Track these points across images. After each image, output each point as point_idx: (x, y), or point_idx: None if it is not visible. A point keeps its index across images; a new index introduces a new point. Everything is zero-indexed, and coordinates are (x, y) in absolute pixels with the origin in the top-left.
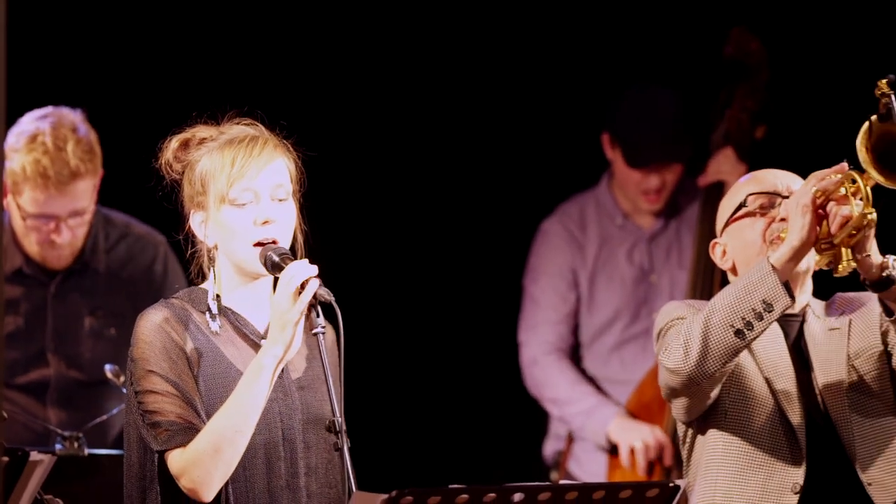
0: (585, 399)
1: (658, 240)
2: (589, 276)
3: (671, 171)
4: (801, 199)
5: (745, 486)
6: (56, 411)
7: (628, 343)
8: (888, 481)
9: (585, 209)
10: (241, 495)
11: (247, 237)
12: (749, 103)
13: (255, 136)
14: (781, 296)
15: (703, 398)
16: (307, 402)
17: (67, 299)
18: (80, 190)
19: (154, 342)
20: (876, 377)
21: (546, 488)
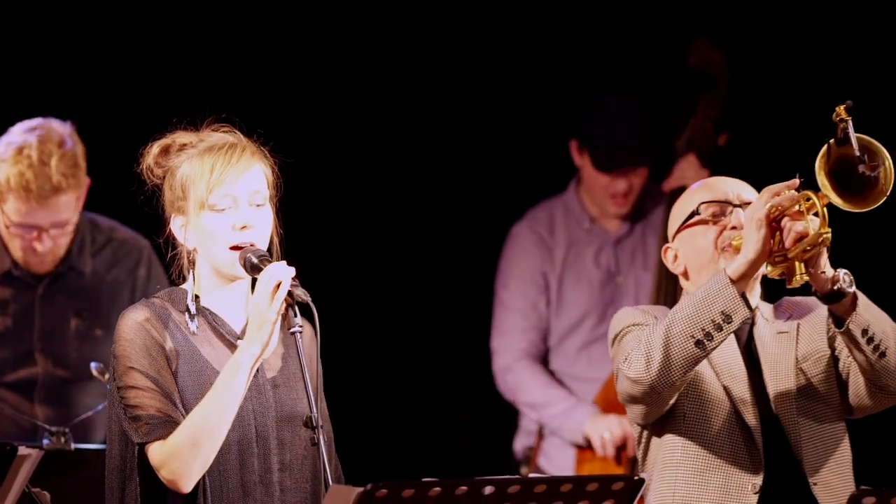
0: (560, 402)
1: (624, 243)
2: (557, 279)
3: (637, 174)
4: (756, 214)
5: (705, 488)
6: (43, 408)
7: (595, 342)
8: (833, 482)
9: (554, 214)
10: (216, 489)
11: (225, 241)
12: (712, 112)
13: (233, 144)
14: (740, 307)
15: (663, 405)
16: (281, 400)
17: (54, 301)
18: (61, 203)
19: (135, 340)
20: (822, 380)
21: (515, 482)
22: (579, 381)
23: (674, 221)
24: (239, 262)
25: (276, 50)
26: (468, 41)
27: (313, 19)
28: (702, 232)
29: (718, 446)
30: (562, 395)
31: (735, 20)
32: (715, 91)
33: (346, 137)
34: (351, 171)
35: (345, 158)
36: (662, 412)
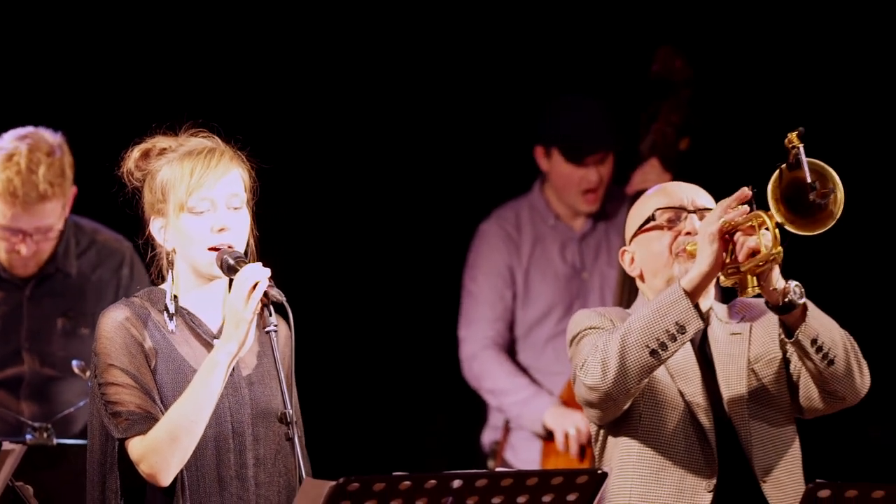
0: (522, 390)
1: (588, 240)
2: (524, 272)
3: (606, 164)
4: (709, 228)
5: (661, 487)
6: (29, 405)
7: (561, 335)
8: (783, 480)
9: (520, 212)
10: (193, 483)
11: (204, 243)
12: (674, 117)
13: (212, 149)
14: (693, 318)
15: (619, 410)
16: (256, 397)
17: (41, 301)
18: (47, 210)
19: (115, 338)
20: (773, 382)
21: (483, 475)
22: (546, 375)
23: (631, 225)
24: (216, 263)
25: (252, 61)
26: (437, 49)
27: (285, 31)
28: (657, 237)
29: (674, 447)
30: (524, 384)
31: (697, 30)
32: (677, 97)
33: (321, 142)
34: (326, 175)
35: (319, 162)
36: (619, 414)
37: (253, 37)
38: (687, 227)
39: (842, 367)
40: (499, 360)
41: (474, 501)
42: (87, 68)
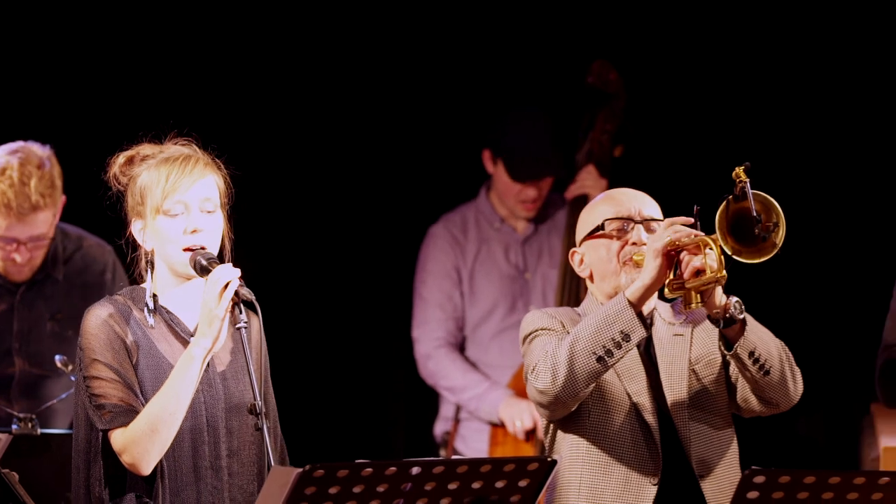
0: (477, 385)
1: (531, 242)
2: (469, 273)
3: (546, 182)
4: (656, 245)
5: (609, 479)
6: (19, 402)
7: (506, 332)
8: (720, 474)
9: (467, 216)
10: (171, 473)
11: (178, 243)
12: (608, 126)
13: (189, 155)
14: (637, 328)
15: (567, 410)
16: (230, 392)
17: (32, 305)
18: (39, 220)
19: (99, 334)
20: (713, 382)
21: (440, 462)
22: (493, 368)
23: (581, 228)
24: (189, 264)
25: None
26: (392, 63)
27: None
28: (606, 244)
29: (620, 442)
30: (478, 380)
31: (630, 44)
32: (611, 107)
33: (287, 152)
34: (294, 182)
35: (287, 171)
36: (568, 412)
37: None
38: (633, 238)
39: (776, 377)
40: (451, 358)
41: (432, 487)
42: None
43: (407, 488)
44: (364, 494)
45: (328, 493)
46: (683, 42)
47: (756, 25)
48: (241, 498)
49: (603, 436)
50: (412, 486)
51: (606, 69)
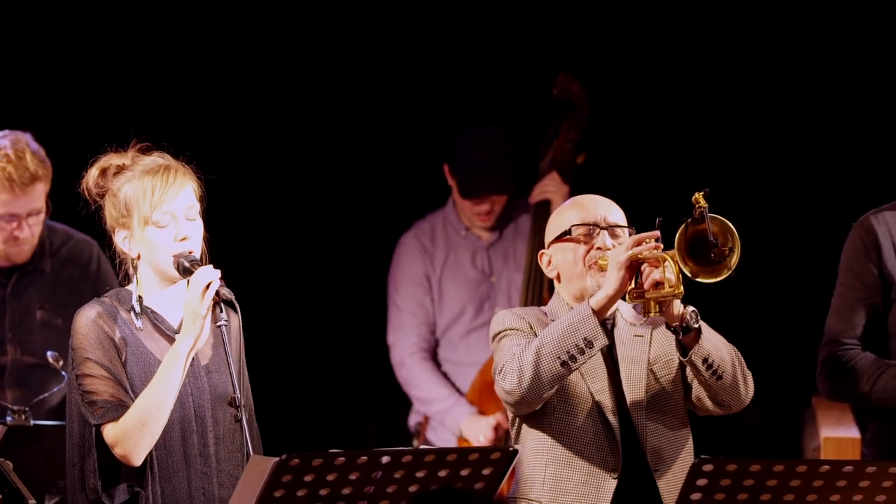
0: (444, 400)
1: (496, 247)
2: (438, 279)
3: (498, 199)
4: (619, 258)
5: (571, 473)
6: (11, 390)
7: (474, 332)
8: (676, 469)
9: (435, 224)
10: (162, 462)
11: (169, 251)
12: (572, 135)
13: (167, 166)
14: (600, 335)
15: (532, 409)
16: (214, 384)
17: (22, 296)
18: (38, 191)
19: (89, 334)
20: (670, 381)
21: (408, 452)
22: (461, 366)
23: (550, 232)
24: (173, 266)
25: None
26: (366, 76)
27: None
28: (573, 248)
29: (583, 438)
30: (446, 394)
31: (593, 56)
32: (574, 117)
33: (271, 161)
34: (272, 190)
35: (270, 177)
36: (532, 410)
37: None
38: (599, 243)
39: (729, 382)
40: (423, 368)
41: (401, 475)
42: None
43: (377, 476)
44: (337, 482)
45: (303, 481)
46: (644, 55)
47: (713, 41)
48: (229, 482)
49: (566, 432)
50: (382, 475)
51: (570, 81)
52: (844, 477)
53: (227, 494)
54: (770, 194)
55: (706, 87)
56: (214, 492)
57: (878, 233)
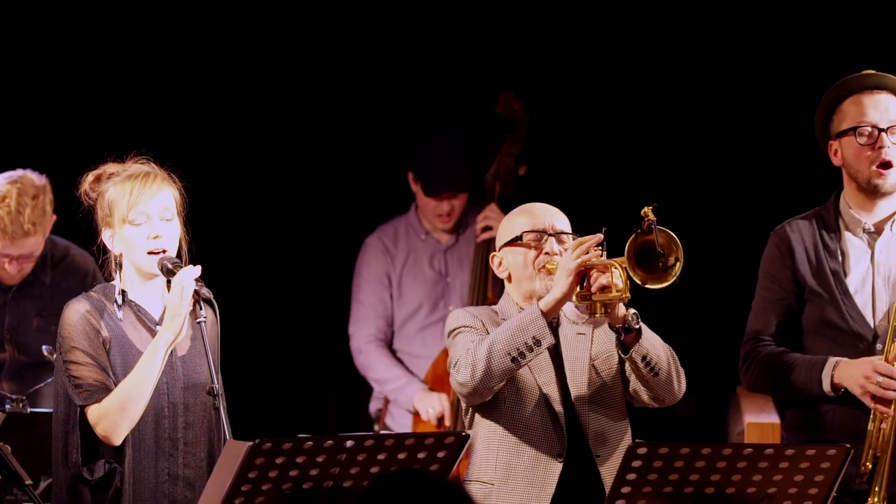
0: (398, 379)
1: (452, 251)
2: (398, 278)
3: (458, 198)
4: (568, 264)
5: (521, 457)
6: (8, 383)
7: (429, 327)
8: (611, 455)
9: (398, 228)
10: (136, 444)
11: (142, 248)
12: (514, 150)
13: (148, 172)
14: (547, 335)
15: (484, 400)
16: (187, 374)
17: (21, 303)
18: (29, 243)
19: (77, 325)
20: (609, 376)
21: (370, 437)
22: (416, 358)
23: (502, 236)
24: (157, 267)
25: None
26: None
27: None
28: (523, 253)
29: (531, 425)
30: (400, 374)
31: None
32: (516, 133)
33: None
34: (249, 196)
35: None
36: (484, 401)
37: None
38: (547, 249)
39: (664, 378)
40: (379, 353)
41: (363, 457)
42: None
43: (342, 459)
44: (305, 464)
45: (275, 463)
46: (578, 77)
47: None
48: (193, 463)
49: (516, 420)
50: (347, 457)
51: (511, 100)
52: (766, 459)
53: (191, 474)
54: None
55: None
56: (179, 472)
57: (793, 240)
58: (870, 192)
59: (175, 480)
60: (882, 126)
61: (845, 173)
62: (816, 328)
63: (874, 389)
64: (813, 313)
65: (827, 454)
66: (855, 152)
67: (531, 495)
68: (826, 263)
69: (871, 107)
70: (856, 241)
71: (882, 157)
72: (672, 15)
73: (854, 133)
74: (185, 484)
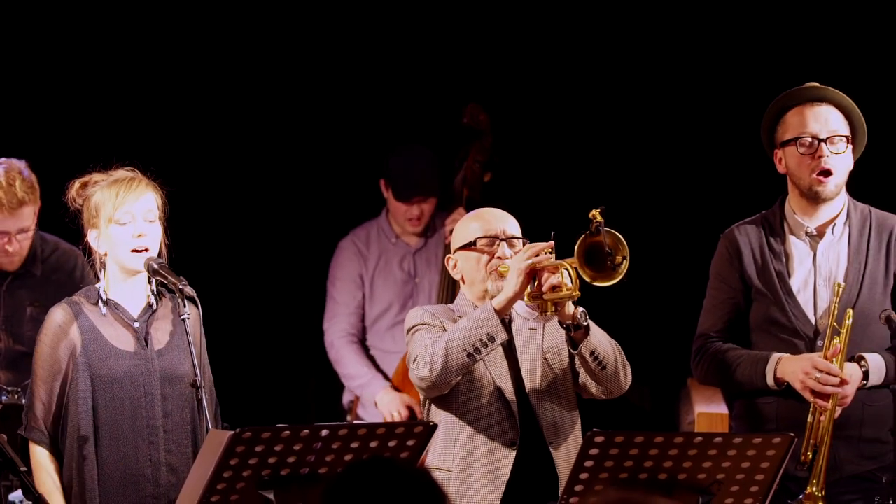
0: (364, 376)
1: (420, 253)
2: (370, 279)
3: (428, 203)
4: (519, 266)
5: (477, 445)
6: (4, 373)
7: (399, 325)
8: (566, 441)
9: (370, 232)
10: (111, 434)
11: (127, 245)
12: (479, 157)
13: (132, 178)
14: (500, 331)
15: (442, 393)
16: (164, 366)
17: (15, 294)
18: (25, 213)
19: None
20: (560, 368)
21: (344, 426)
22: (387, 353)
23: (457, 240)
24: (143, 265)
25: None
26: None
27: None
28: (476, 257)
29: (486, 415)
30: (365, 371)
31: (498, 91)
32: (481, 142)
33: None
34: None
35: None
36: (442, 394)
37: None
38: (499, 253)
39: (611, 371)
40: (349, 350)
41: (338, 446)
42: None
43: (318, 447)
44: (283, 452)
45: (255, 451)
46: (538, 91)
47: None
48: (176, 450)
49: (472, 411)
50: (322, 445)
51: (478, 111)
52: (715, 447)
53: (174, 460)
54: (646, 210)
55: (590, 117)
56: (161, 458)
57: (741, 243)
58: (811, 198)
59: (158, 465)
60: (822, 136)
61: (789, 180)
62: (762, 326)
63: (813, 384)
64: (759, 311)
65: (773, 442)
66: (797, 161)
67: (487, 481)
68: (771, 265)
69: (813, 118)
70: (799, 244)
71: (822, 166)
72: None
73: (796, 143)
74: (169, 469)
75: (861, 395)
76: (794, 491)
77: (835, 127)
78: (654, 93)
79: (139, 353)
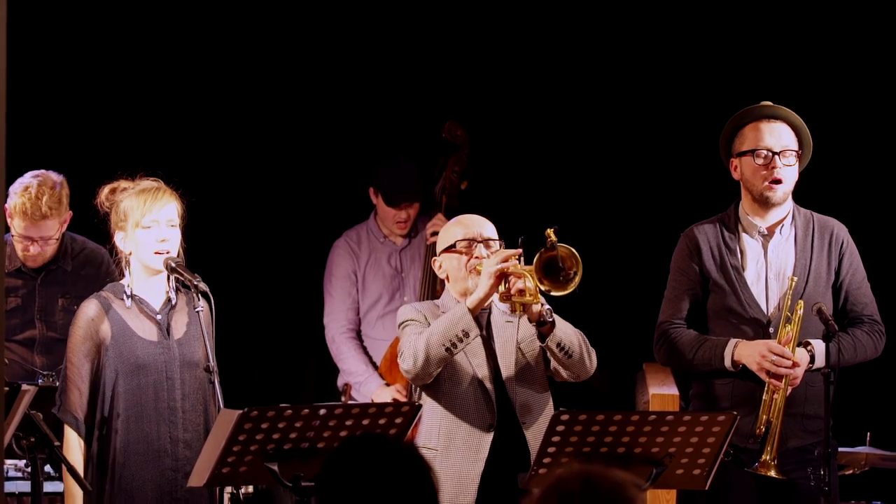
0: (361, 374)
1: (406, 251)
2: (362, 275)
3: (413, 207)
4: (489, 269)
5: (459, 427)
6: (40, 358)
7: (387, 315)
8: (538, 422)
9: (360, 233)
10: (136, 415)
11: (151, 248)
12: (457, 168)
13: (158, 188)
14: (473, 328)
15: (426, 382)
16: (183, 353)
17: (48, 287)
18: (47, 225)
19: (78, 334)
20: (533, 357)
21: (339, 406)
22: (376, 340)
23: (441, 243)
24: (163, 265)
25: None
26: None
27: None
28: (457, 258)
29: (466, 400)
30: (363, 369)
31: (473, 109)
32: (458, 155)
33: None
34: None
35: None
36: (426, 383)
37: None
38: (477, 253)
39: (577, 359)
40: (349, 346)
41: (334, 423)
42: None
43: (316, 424)
44: (286, 428)
45: (260, 428)
46: (512, 107)
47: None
48: (192, 428)
49: (454, 397)
50: (320, 423)
51: (455, 126)
52: (667, 424)
53: (190, 437)
54: (607, 211)
55: (556, 129)
56: (179, 435)
57: (700, 240)
58: (762, 202)
59: (176, 442)
60: (776, 150)
61: (742, 186)
62: (719, 314)
63: (768, 366)
64: (716, 301)
65: (718, 420)
66: (752, 170)
67: (468, 459)
68: (728, 260)
69: (768, 133)
70: (752, 242)
71: (774, 176)
72: (582, 47)
73: (752, 154)
74: (185, 445)
75: (805, 377)
76: (747, 462)
77: (787, 142)
78: (618, 111)
79: (162, 343)
